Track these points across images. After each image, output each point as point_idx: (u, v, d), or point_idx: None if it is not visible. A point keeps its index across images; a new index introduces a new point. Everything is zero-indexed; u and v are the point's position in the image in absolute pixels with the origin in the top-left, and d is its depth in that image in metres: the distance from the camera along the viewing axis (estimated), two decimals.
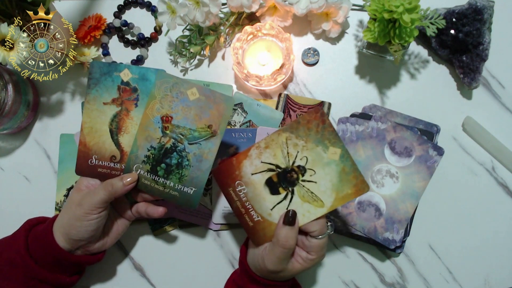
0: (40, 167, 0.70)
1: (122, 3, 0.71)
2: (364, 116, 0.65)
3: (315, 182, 0.52)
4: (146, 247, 0.68)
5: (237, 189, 0.53)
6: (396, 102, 0.67)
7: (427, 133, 0.64)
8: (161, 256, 0.67)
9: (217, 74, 0.69)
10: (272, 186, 0.53)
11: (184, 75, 0.70)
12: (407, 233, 0.63)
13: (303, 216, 0.52)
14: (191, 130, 0.56)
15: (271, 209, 0.53)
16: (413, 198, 0.62)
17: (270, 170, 0.52)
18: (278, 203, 0.53)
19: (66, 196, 0.68)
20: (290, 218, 0.51)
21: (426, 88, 0.67)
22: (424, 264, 0.65)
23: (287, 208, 0.52)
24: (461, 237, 0.65)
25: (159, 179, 0.57)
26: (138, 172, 0.57)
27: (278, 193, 0.53)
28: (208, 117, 0.56)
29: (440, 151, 0.63)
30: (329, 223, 0.54)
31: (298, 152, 0.51)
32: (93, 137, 0.58)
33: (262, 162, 0.52)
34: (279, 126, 0.67)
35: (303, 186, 0.52)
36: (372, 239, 0.62)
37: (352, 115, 0.66)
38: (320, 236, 0.52)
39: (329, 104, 0.67)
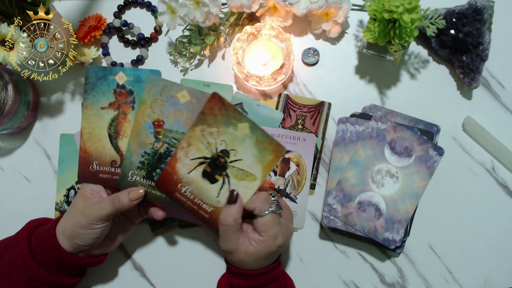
0: (40, 167, 0.70)
1: (122, 3, 0.71)
2: (364, 116, 0.65)
3: (241, 160, 0.54)
4: (146, 247, 0.68)
5: (182, 191, 0.55)
6: (396, 102, 0.67)
7: (427, 133, 0.64)
8: (161, 256, 0.67)
9: (217, 74, 0.69)
10: (209, 176, 0.55)
11: (184, 75, 0.70)
12: (407, 233, 0.63)
13: (244, 193, 0.55)
14: (184, 134, 0.55)
15: (217, 197, 0.55)
16: (413, 198, 0.62)
17: (201, 163, 0.55)
18: (220, 189, 0.55)
19: (66, 196, 0.68)
20: (232, 197, 0.54)
21: (426, 88, 0.67)
22: (424, 264, 0.65)
23: (228, 191, 0.55)
24: (461, 237, 0.65)
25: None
26: (134, 178, 0.57)
27: (216, 181, 0.55)
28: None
29: (440, 151, 0.63)
30: (274, 203, 0.55)
31: (215, 139, 0.54)
32: (93, 142, 0.58)
33: (191, 159, 0.55)
34: (279, 126, 0.67)
35: (233, 166, 0.55)
36: (372, 239, 0.62)
37: (352, 115, 0.66)
38: (262, 214, 0.53)
39: (329, 104, 0.68)
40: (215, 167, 0.55)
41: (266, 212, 0.53)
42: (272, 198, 0.56)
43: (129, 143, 0.57)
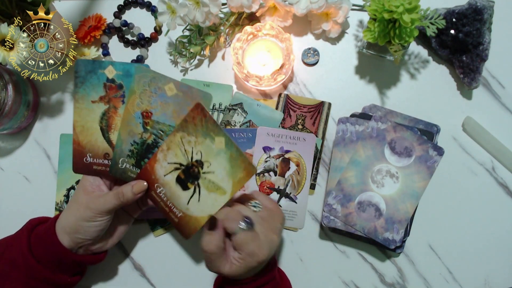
0: (40, 167, 0.70)
1: (122, 3, 0.71)
2: (364, 116, 0.65)
3: (213, 172, 0.54)
4: (146, 247, 0.68)
5: (157, 191, 0.57)
6: (396, 102, 0.67)
7: (427, 133, 0.64)
8: (161, 256, 0.67)
9: (217, 74, 0.69)
10: (181, 183, 0.56)
11: (184, 75, 0.70)
12: (407, 233, 0.63)
13: (213, 206, 0.55)
14: (170, 127, 0.56)
15: (187, 204, 0.56)
16: (413, 198, 0.62)
17: (177, 169, 0.56)
18: (191, 197, 0.56)
19: (66, 196, 0.68)
20: (212, 223, 0.54)
21: (426, 88, 0.67)
22: (424, 264, 0.65)
23: (198, 201, 0.55)
24: (461, 237, 0.65)
25: None
26: (124, 166, 0.58)
27: (187, 188, 0.56)
28: (186, 113, 0.55)
29: (440, 151, 0.63)
30: (244, 219, 0.53)
31: (192, 148, 0.54)
32: (86, 135, 0.58)
33: (168, 163, 0.56)
34: (279, 126, 0.67)
35: (205, 178, 0.55)
36: (372, 239, 0.62)
37: (352, 115, 0.66)
38: (234, 232, 0.52)
39: (329, 104, 0.68)
40: (189, 175, 0.55)
41: (237, 230, 0.52)
42: (253, 209, 0.55)
43: (120, 132, 0.57)
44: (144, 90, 0.56)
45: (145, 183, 0.57)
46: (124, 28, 0.71)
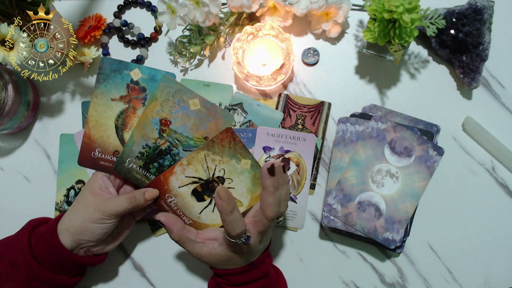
0: (40, 167, 0.70)
1: (122, 3, 0.71)
2: (364, 116, 0.65)
3: (233, 188, 0.58)
4: (146, 247, 0.68)
5: (167, 201, 0.59)
6: (396, 102, 0.67)
7: (427, 133, 0.64)
8: (161, 256, 0.67)
9: (217, 74, 0.69)
10: (198, 195, 0.59)
11: (184, 75, 0.70)
12: (407, 233, 0.63)
13: None
14: (187, 138, 0.58)
15: (199, 213, 0.59)
16: (413, 198, 0.62)
17: (195, 182, 0.59)
18: (205, 208, 0.59)
19: (66, 196, 0.68)
20: (159, 222, 0.57)
21: (426, 88, 0.67)
22: (424, 264, 0.65)
23: (212, 211, 0.59)
24: (461, 237, 0.65)
25: (150, 175, 0.59)
26: (130, 165, 0.59)
27: (203, 200, 0.59)
28: (206, 129, 0.58)
29: (440, 151, 0.63)
30: (247, 234, 0.54)
31: (216, 165, 0.58)
32: (98, 130, 0.60)
33: (186, 176, 0.58)
34: (279, 126, 0.67)
35: None
36: (372, 239, 0.62)
37: (352, 115, 0.66)
38: (234, 239, 0.53)
39: (329, 104, 0.68)
40: (207, 188, 0.58)
41: (237, 241, 0.53)
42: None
43: (133, 133, 0.59)
44: (167, 100, 0.58)
45: (157, 192, 0.58)
46: (124, 28, 0.71)
